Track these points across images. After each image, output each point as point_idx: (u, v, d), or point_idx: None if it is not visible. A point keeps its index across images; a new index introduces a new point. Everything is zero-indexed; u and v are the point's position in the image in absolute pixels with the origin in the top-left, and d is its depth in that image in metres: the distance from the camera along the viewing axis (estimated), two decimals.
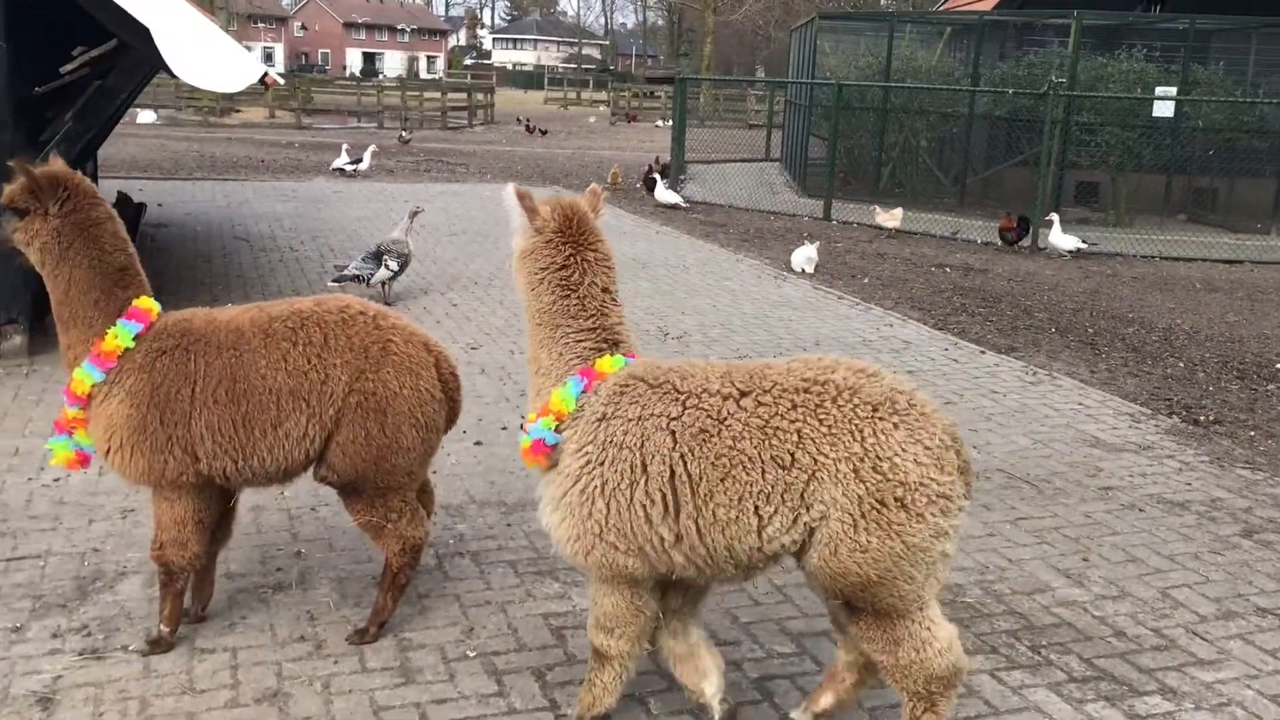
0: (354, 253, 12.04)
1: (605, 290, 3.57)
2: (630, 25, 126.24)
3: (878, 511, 3.15)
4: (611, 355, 3.51)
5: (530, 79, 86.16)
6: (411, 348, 4.19)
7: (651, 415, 3.33)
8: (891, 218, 16.89)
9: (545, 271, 3.54)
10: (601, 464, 3.36)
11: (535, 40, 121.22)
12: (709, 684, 3.72)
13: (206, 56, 8.16)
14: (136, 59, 8.20)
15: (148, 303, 4.08)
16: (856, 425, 3.19)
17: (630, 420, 3.35)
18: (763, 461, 3.21)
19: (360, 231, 14.43)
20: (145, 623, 4.37)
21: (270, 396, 3.98)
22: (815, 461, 3.19)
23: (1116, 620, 4.82)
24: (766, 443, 3.22)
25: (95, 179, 14.35)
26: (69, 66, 8.24)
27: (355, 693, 3.99)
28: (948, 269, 14.11)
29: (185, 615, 4.32)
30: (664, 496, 3.29)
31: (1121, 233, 17.40)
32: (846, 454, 3.17)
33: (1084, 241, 15.65)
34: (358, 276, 10.24)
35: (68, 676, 4.01)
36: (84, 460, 4.17)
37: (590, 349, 3.51)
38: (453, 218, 16.33)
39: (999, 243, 16.18)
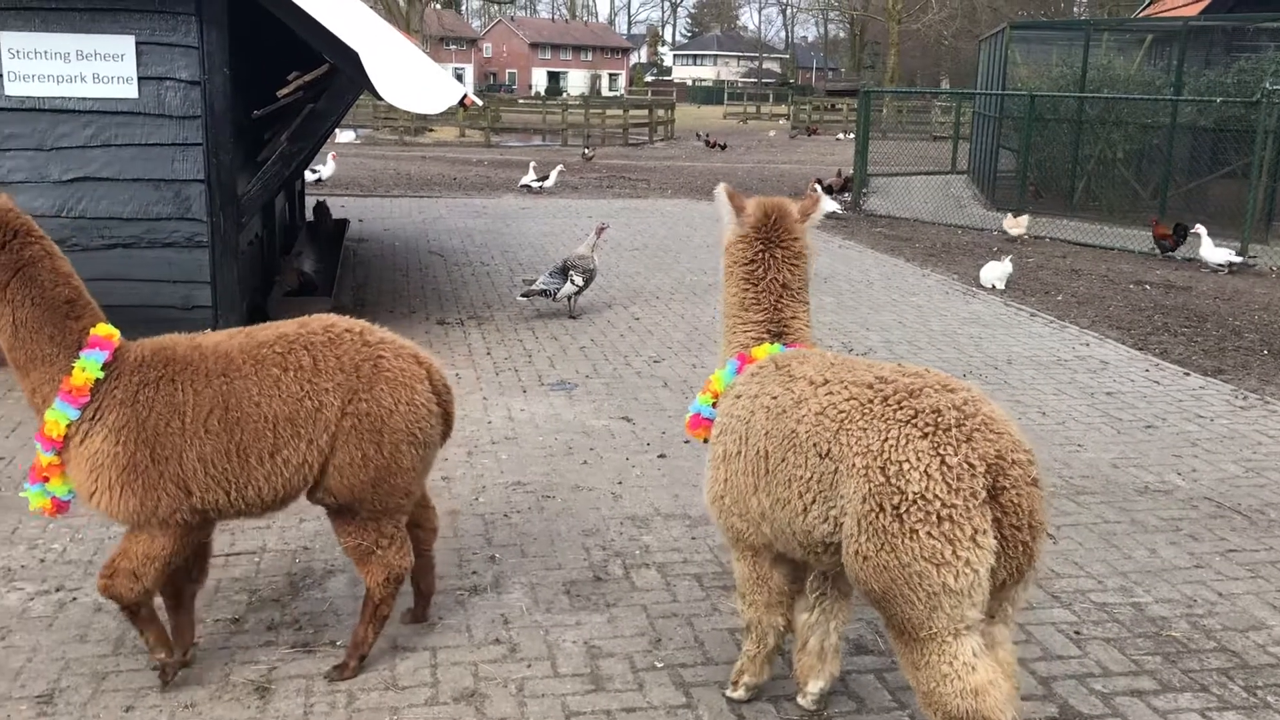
0: (541, 267, 12.36)
1: (785, 286, 3.83)
2: (811, 38, 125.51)
3: (875, 516, 3.09)
4: (770, 344, 3.79)
5: (710, 94, 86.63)
6: (402, 361, 4.04)
7: (761, 394, 3.58)
8: (1018, 225, 16.94)
9: (735, 265, 3.90)
10: (723, 434, 3.68)
11: (716, 56, 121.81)
12: (814, 683, 3.89)
13: (410, 80, 8.55)
14: (346, 82, 8.66)
15: (106, 329, 3.87)
16: (886, 426, 3.16)
17: (747, 397, 3.63)
18: (808, 448, 3.33)
19: (546, 246, 14.80)
20: (352, 620, 4.58)
21: (266, 424, 3.81)
22: (841, 454, 3.23)
23: None
24: (814, 430, 3.33)
25: (301, 196, 15.21)
26: (285, 90, 8.76)
27: (548, 697, 4.09)
28: (1147, 286, 13.47)
29: (167, 664, 4.06)
30: (754, 469, 3.52)
31: None
32: (864, 450, 3.16)
33: (1236, 254, 14.85)
34: (545, 291, 10.50)
35: (281, 668, 4.25)
36: (61, 507, 3.94)
37: (753, 339, 3.83)
38: (634, 233, 16.57)
39: (1156, 251, 15.70)
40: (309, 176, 21.79)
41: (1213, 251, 14.69)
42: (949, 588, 3.02)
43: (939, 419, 3.11)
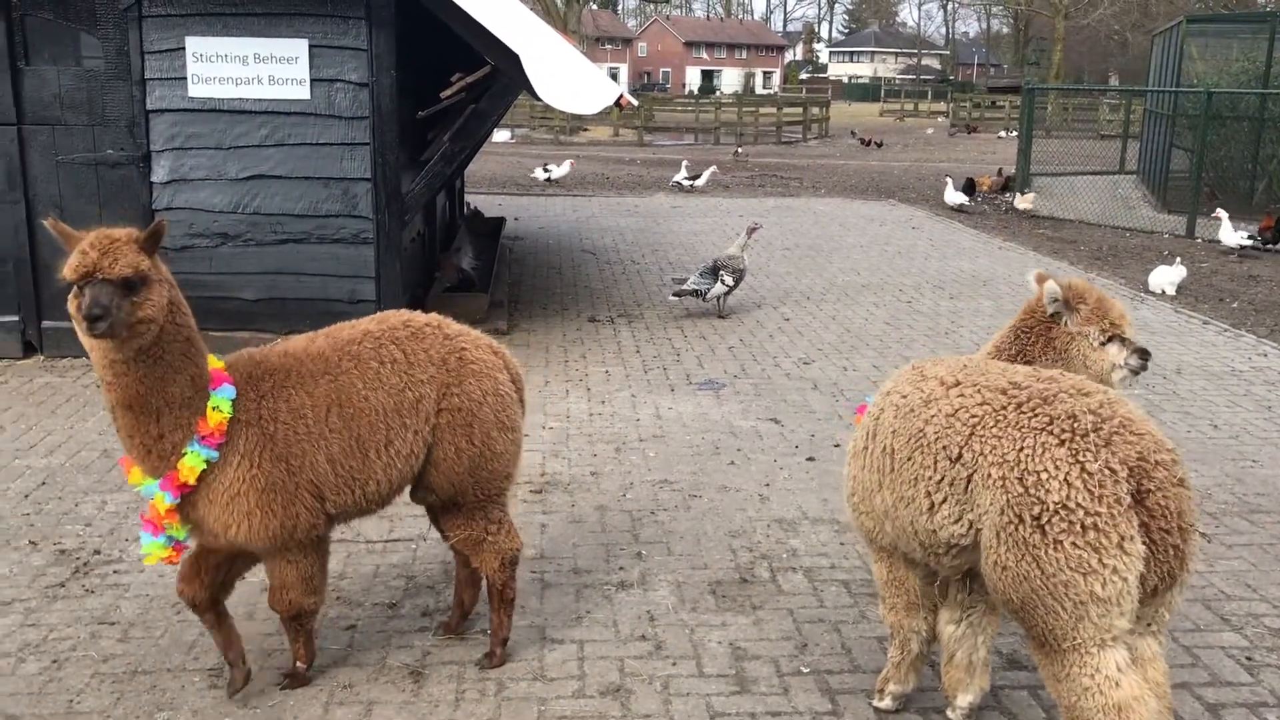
0: (691, 266, 12.39)
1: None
2: (973, 34, 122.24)
3: (1014, 527, 3.04)
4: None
5: (866, 91, 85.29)
6: (482, 353, 4.08)
7: (894, 391, 3.60)
8: (1025, 200, 17.85)
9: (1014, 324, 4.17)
10: (860, 429, 3.73)
11: (873, 52, 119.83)
12: (963, 697, 3.79)
13: (568, 80, 8.68)
14: (507, 83, 8.85)
15: (214, 360, 3.69)
16: (1021, 434, 3.11)
17: (882, 394, 3.67)
18: (937, 449, 3.31)
19: (697, 246, 14.82)
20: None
21: (378, 416, 3.81)
22: (975, 462, 3.19)
23: None
24: (944, 432, 3.31)
25: (460, 194, 15.61)
26: (448, 92, 9.00)
27: (693, 696, 4.10)
28: None
29: (237, 679, 4.01)
30: (879, 466, 3.54)
31: None
32: (1000, 460, 3.12)
33: (1249, 238, 15.02)
34: (696, 291, 10.52)
35: (435, 653, 4.38)
36: (179, 550, 3.80)
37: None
38: (786, 232, 16.44)
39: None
40: (540, 175, 22.67)
41: (1230, 235, 15.14)
42: (1096, 596, 2.96)
43: (1075, 424, 3.06)
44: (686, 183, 22.53)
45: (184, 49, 8.26)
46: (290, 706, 3.99)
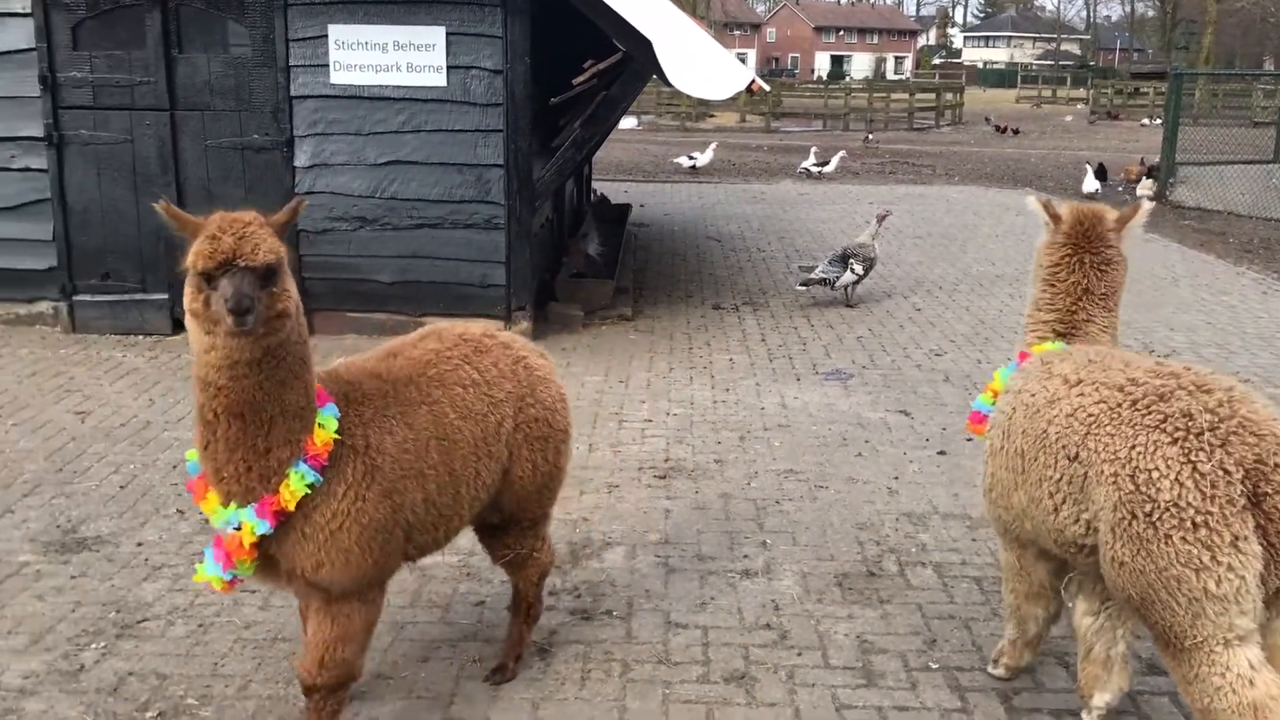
0: (818, 254, 12.24)
1: (1087, 291, 3.82)
2: (1115, 18, 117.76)
3: (1128, 524, 3.05)
4: (1053, 342, 3.80)
5: (1001, 77, 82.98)
6: (541, 359, 3.87)
7: (1024, 390, 3.60)
8: (1145, 187, 17.53)
9: (1040, 268, 3.93)
10: (992, 429, 3.75)
11: (1009, 37, 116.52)
12: (1100, 696, 3.69)
13: (699, 66, 8.66)
14: (638, 69, 8.87)
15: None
16: (1134, 432, 3.11)
17: (1013, 393, 3.67)
18: (1058, 449, 3.33)
19: (824, 233, 14.65)
20: (627, 591, 4.73)
21: (470, 449, 3.50)
22: (1090, 459, 3.20)
23: None
24: (1063, 432, 3.32)
25: (588, 181, 15.74)
26: (580, 78, 9.08)
27: (818, 687, 4.06)
28: None
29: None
30: (1013, 466, 3.54)
31: None
32: (1112, 457, 3.13)
33: None
34: (824, 280, 10.40)
35: (561, 632, 4.43)
36: (234, 585, 3.35)
37: (1037, 337, 3.87)
38: (917, 220, 16.13)
39: None
40: (684, 163, 22.86)
41: None
42: (1210, 593, 2.93)
43: (1190, 423, 3.04)
44: (815, 169, 22.30)
45: (327, 37, 8.50)
46: (422, 679, 4.08)
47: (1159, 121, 28.79)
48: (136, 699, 3.93)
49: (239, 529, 3.11)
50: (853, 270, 10.39)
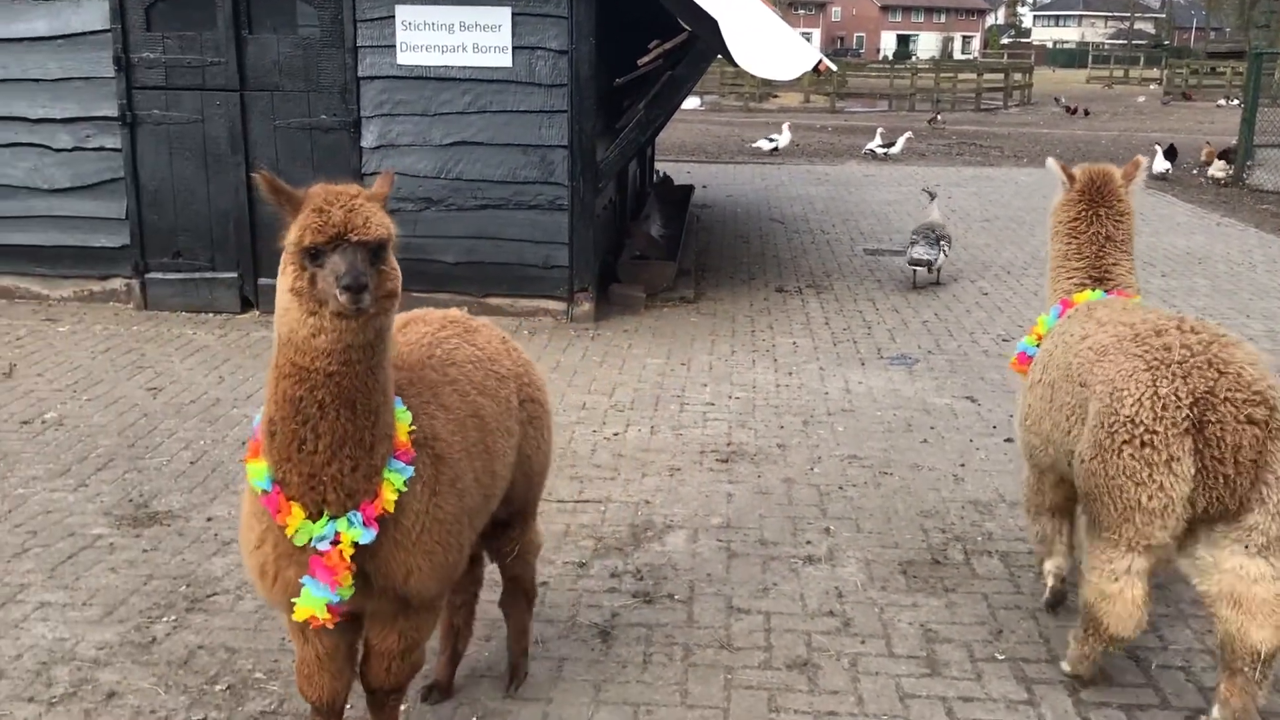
0: (883, 237, 12.10)
1: (1109, 239, 4.25)
2: None
3: (1095, 429, 3.53)
4: (1092, 290, 4.19)
5: (1071, 57, 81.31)
6: (515, 341, 3.70)
7: (1065, 332, 3.98)
8: (1218, 169, 17.40)
9: (1060, 223, 4.35)
10: (1034, 366, 4.19)
11: (1080, 16, 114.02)
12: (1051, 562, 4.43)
13: (765, 46, 8.56)
14: (703, 49, 8.80)
15: None
16: (1124, 360, 3.54)
17: (1055, 334, 4.09)
18: (1075, 377, 3.75)
19: (890, 215, 14.47)
20: (689, 575, 4.72)
21: (497, 423, 3.31)
22: (1091, 382, 3.64)
23: None
24: (1080, 363, 3.74)
25: (651, 162, 15.68)
26: (645, 59, 9.02)
27: (881, 676, 4.02)
28: None
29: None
30: (1044, 396, 3.96)
31: None
32: (1103, 379, 3.56)
33: None
34: (928, 261, 10.19)
35: (623, 614, 4.43)
36: (337, 613, 2.93)
37: (1075, 285, 4.24)
38: (985, 203, 15.87)
39: None
40: (764, 146, 22.74)
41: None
42: (1141, 505, 3.41)
43: (1166, 355, 3.47)
44: (880, 150, 22.03)
45: (394, 17, 8.53)
46: (485, 658, 4.11)
47: (1235, 102, 28.04)
48: (206, 672, 4.00)
49: (336, 542, 2.79)
50: (944, 252, 10.31)
